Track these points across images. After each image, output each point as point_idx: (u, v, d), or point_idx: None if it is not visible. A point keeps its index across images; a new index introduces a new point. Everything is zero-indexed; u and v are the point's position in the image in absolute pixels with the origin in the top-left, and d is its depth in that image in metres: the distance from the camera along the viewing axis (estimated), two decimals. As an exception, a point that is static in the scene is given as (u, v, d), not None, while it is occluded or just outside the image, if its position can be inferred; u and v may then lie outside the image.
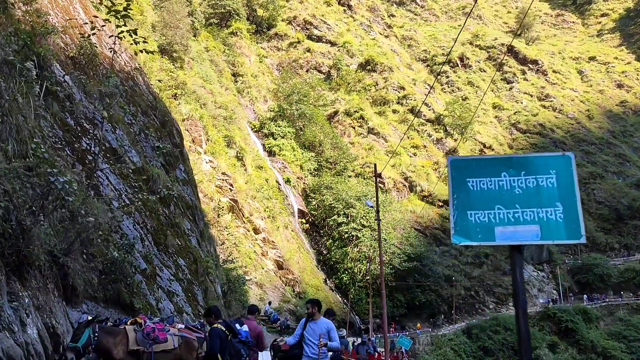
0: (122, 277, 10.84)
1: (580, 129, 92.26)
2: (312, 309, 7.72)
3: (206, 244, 16.59)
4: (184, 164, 16.64)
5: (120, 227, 11.81)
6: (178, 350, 7.83)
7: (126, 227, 11.94)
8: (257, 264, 42.97)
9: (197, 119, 47.08)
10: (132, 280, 11.16)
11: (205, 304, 14.31)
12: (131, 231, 11.76)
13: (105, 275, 10.69)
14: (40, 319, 6.32)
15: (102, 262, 10.33)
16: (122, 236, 11.48)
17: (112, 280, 10.73)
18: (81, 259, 9.13)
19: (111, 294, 10.54)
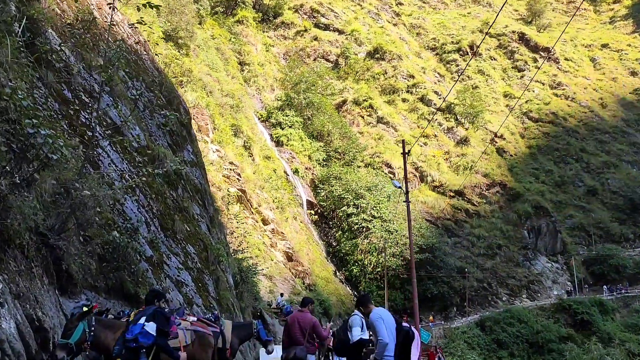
0: (125, 265, 9.67)
1: (593, 118, 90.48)
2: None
3: (217, 231, 15.42)
4: (192, 145, 15.44)
5: (123, 209, 10.63)
6: (191, 348, 6.68)
7: (129, 210, 10.76)
8: (267, 256, 41.84)
9: (204, 107, 45.88)
10: (137, 269, 9.99)
11: (217, 295, 13.16)
12: (135, 214, 10.59)
13: (106, 262, 9.52)
14: (20, 310, 5.13)
15: (102, 247, 9.16)
16: (125, 219, 10.30)
17: (115, 268, 9.56)
18: (77, 241, 7.96)
19: (113, 283, 9.37)
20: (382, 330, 6.70)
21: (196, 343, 6.83)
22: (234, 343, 8.01)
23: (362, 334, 7.58)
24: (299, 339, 8.41)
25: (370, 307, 7.55)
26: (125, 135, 11.99)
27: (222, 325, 7.90)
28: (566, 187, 79.46)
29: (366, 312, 7.70)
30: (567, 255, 68.80)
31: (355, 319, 7.74)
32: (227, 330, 7.92)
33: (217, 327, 7.57)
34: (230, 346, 7.85)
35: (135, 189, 11.45)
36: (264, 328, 8.65)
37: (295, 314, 8.88)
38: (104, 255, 9.54)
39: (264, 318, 8.89)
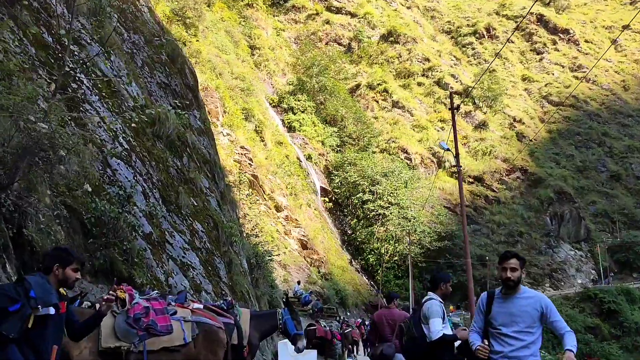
0: (115, 241, 7.81)
1: (615, 101, 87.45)
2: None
3: (228, 208, 13.54)
4: (199, 111, 13.55)
5: (115, 176, 8.75)
6: (192, 348, 4.80)
7: (123, 177, 8.86)
8: (281, 244, 40.01)
9: (213, 89, 43.98)
10: (132, 246, 8.11)
11: (230, 280, 11.28)
12: (129, 182, 8.69)
13: (92, 238, 7.67)
14: None
15: (85, 216, 7.30)
16: (118, 186, 8.42)
17: (103, 245, 7.71)
18: (48, 206, 6.09)
19: (101, 263, 7.50)
20: None
21: (200, 340, 4.95)
22: (254, 338, 6.16)
23: (444, 328, 5.44)
24: (388, 336, 8.12)
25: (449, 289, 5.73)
26: (119, 92, 10.08)
27: (237, 315, 6.06)
28: (588, 172, 76.73)
29: (446, 292, 5.78)
30: (591, 242, 66.32)
31: (433, 306, 5.57)
32: (244, 322, 6.07)
33: (231, 318, 5.70)
34: (249, 343, 6.01)
35: (130, 153, 9.57)
36: (292, 319, 6.78)
37: (381, 311, 8.68)
38: (90, 230, 7.69)
39: (291, 306, 6.99)
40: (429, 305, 5.57)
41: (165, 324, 4.65)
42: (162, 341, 4.63)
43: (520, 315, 4.51)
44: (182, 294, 5.40)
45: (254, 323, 6.26)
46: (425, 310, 5.55)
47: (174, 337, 4.68)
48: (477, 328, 4.76)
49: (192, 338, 4.87)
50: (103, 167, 8.70)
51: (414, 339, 5.51)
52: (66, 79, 7.69)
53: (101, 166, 8.65)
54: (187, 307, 5.15)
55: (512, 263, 4.65)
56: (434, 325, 5.35)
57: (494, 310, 4.63)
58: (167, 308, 4.83)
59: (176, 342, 4.71)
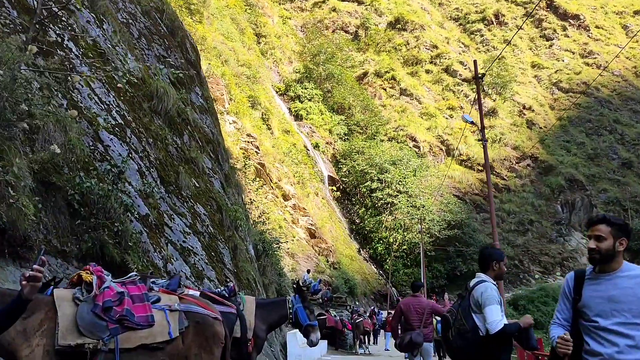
0: (106, 222, 7.05)
1: (627, 87, 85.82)
2: None
3: (233, 191, 12.76)
4: (201, 88, 12.75)
5: (107, 152, 7.99)
6: (179, 344, 3.93)
7: (116, 154, 8.10)
8: (288, 232, 39.31)
9: (219, 77, 43.17)
10: (125, 229, 7.35)
11: (235, 267, 10.54)
12: (122, 158, 7.92)
13: (80, 218, 6.92)
14: None
15: (69, 193, 6.55)
16: (108, 162, 7.66)
17: (92, 227, 6.96)
18: (18, 177, 5.32)
19: (89, 247, 6.75)
20: None
21: (191, 334, 4.04)
22: (260, 330, 5.40)
23: (503, 318, 4.30)
24: (416, 325, 8.20)
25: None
26: (113, 63, 9.29)
27: (240, 303, 5.29)
28: (599, 160, 75.38)
29: (500, 273, 4.72)
30: (603, 230, 65.14)
31: (487, 290, 4.41)
32: (249, 312, 5.31)
33: (233, 307, 4.92)
34: (254, 336, 5.25)
35: (125, 128, 8.79)
36: (304, 307, 6.01)
37: (408, 299, 8.68)
38: (78, 209, 6.94)
39: (302, 293, 6.19)
40: (482, 290, 4.43)
41: (145, 315, 3.74)
42: (140, 336, 3.70)
43: (624, 302, 3.29)
44: (175, 279, 4.61)
45: (260, 313, 5.49)
46: (478, 295, 4.41)
47: (156, 331, 3.76)
48: (562, 320, 3.60)
49: (179, 332, 3.93)
50: (94, 142, 7.94)
51: (464, 334, 4.43)
52: (40, 29, 6.90)
53: (91, 141, 7.89)
54: (175, 293, 4.27)
55: (598, 229, 3.47)
56: (491, 315, 4.27)
57: (586, 295, 3.42)
58: (148, 294, 3.94)
59: (159, 338, 3.78)
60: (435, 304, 9.03)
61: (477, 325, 4.36)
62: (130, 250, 7.51)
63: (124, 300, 3.71)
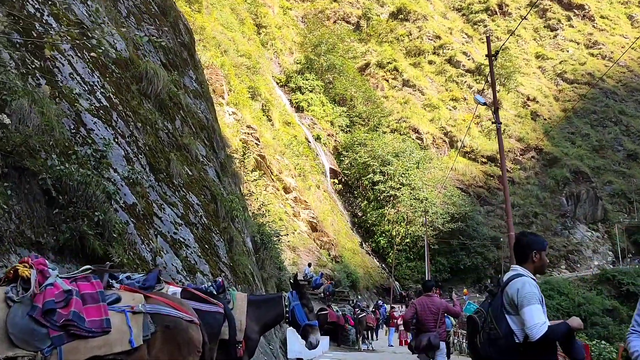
0: (87, 211, 6.40)
1: (633, 78, 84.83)
2: None
3: (229, 181, 12.10)
4: (195, 72, 12.06)
5: (89, 135, 7.32)
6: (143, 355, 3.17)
7: (99, 139, 7.42)
8: (289, 226, 38.68)
9: (218, 67, 42.44)
10: (108, 218, 6.69)
11: (231, 260, 9.89)
12: (105, 141, 7.26)
13: (57, 207, 6.27)
14: None
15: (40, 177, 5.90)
16: (89, 145, 7.00)
17: (71, 216, 6.30)
18: None
19: (67, 237, 6.10)
20: None
21: (159, 341, 3.29)
22: (252, 332, 4.76)
23: (546, 320, 3.53)
24: (431, 325, 7.99)
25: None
26: (98, 42, 8.58)
27: (230, 300, 4.65)
28: (604, 151, 74.61)
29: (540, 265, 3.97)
30: (608, 223, 64.55)
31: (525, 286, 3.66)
32: (240, 310, 4.67)
33: (219, 305, 4.27)
34: (246, 337, 4.62)
35: (110, 111, 8.12)
36: (302, 305, 5.38)
37: (422, 299, 8.40)
38: (55, 198, 6.30)
39: (300, 288, 5.53)
40: (518, 286, 3.67)
41: (99, 319, 3.00)
42: (92, 346, 2.97)
43: None
44: (153, 273, 3.96)
45: (253, 311, 4.85)
46: (513, 293, 3.66)
47: (113, 339, 3.02)
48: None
49: (144, 339, 3.17)
50: (75, 125, 7.27)
51: (495, 340, 3.63)
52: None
53: (73, 124, 7.22)
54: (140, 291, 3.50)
55: None
56: (531, 317, 3.49)
57: None
58: (104, 293, 3.18)
59: (117, 348, 3.04)
60: (449, 305, 8.83)
61: (511, 330, 3.61)
62: (115, 242, 6.87)
63: (72, 301, 2.97)
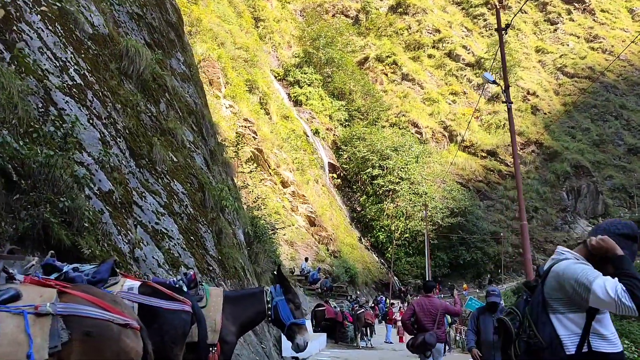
0: (51, 197, 5.75)
1: (633, 72, 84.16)
2: None
3: (220, 170, 11.43)
4: (183, 54, 11.37)
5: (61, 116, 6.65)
6: None
7: (72, 119, 6.74)
8: (287, 220, 38.03)
9: (215, 60, 41.69)
10: (77, 205, 6.04)
11: (219, 253, 9.24)
12: (71, 118, 6.58)
13: (19, 193, 5.62)
14: None
15: (5, 160, 5.26)
16: (54, 125, 6.34)
17: (32, 203, 5.66)
18: None
19: (27, 226, 5.45)
20: None
21: (77, 353, 2.54)
22: (228, 333, 4.11)
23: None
24: (430, 326, 8.09)
25: None
26: (72, 15, 7.92)
27: (202, 297, 4.00)
28: (605, 146, 73.99)
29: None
30: (609, 218, 63.89)
31: (570, 265, 2.71)
32: (214, 308, 4.02)
33: (187, 302, 3.59)
34: (221, 339, 3.97)
35: (85, 90, 7.45)
36: (287, 301, 4.67)
37: (421, 299, 8.49)
38: (16, 182, 5.65)
39: (285, 281, 4.83)
40: (561, 267, 2.73)
41: None
42: None
43: None
44: (106, 264, 3.32)
45: (230, 309, 4.19)
46: (560, 279, 2.72)
47: (3, 350, 2.30)
48: None
49: (53, 351, 2.44)
50: (44, 103, 6.60)
51: (537, 352, 2.73)
52: None
53: (41, 102, 6.55)
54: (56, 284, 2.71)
55: None
56: (599, 286, 2.50)
57: None
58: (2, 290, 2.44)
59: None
60: (448, 305, 9.06)
61: (558, 337, 2.70)
62: (86, 232, 6.21)
63: None
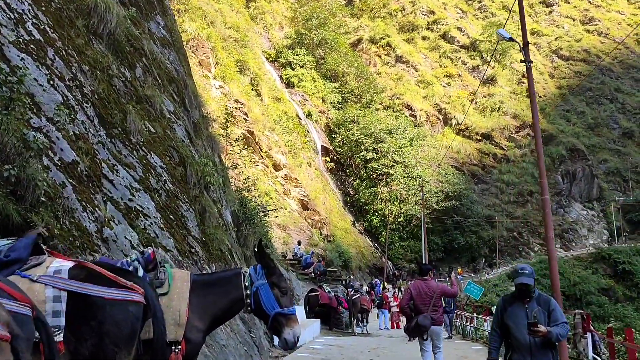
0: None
1: (629, 55, 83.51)
2: None
3: (204, 144, 10.52)
4: (164, 18, 10.40)
5: (14, 74, 5.72)
6: None
7: (29, 79, 5.81)
8: (279, 204, 37.18)
9: (204, 39, 40.50)
10: (29, 176, 5.16)
11: (203, 234, 8.37)
12: (21, 71, 5.64)
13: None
14: None
15: None
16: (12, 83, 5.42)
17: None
18: None
19: (-35, 199, 4.58)
20: None
21: None
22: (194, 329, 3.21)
23: None
24: (425, 309, 8.04)
25: None
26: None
27: (163, 281, 3.16)
28: (600, 129, 73.49)
29: None
30: (604, 201, 63.65)
31: None
32: (179, 296, 3.15)
33: (137, 289, 2.71)
34: (186, 338, 3.10)
35: (45, 47, 6.51)
36: (271, 286, 3.69)
37: (418, 283, 8.44)
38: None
39: (267, 260, 3.80)
40: None
41: None
42: None
43: None
44: (26, 239, 2.47)
45: (199, 298, 3.32)
46: None
47: None
48: None
49: None
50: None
51: None
52: None
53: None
54: None
55: None
56: None
57: None
58: None
59: None
60: (445, 287, 8.93)
61: None
62: (42, 208, 5.34)
63: None
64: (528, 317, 4.72)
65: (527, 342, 4.74)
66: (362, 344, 14.95)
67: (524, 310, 4.86)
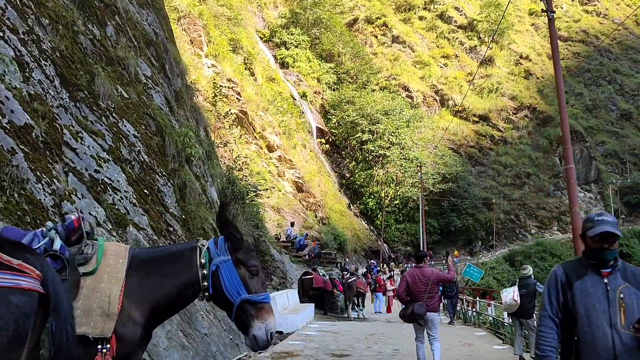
0: None
1: (628, 36, 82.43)
2: None
3: (186, 115, 9.65)
4: (142, -25, 9.42)
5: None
6: None
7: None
8: (274, 185, 36.41)
9: (196, 17, 39.38)
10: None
11: (182, 211, 7.56)
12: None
13: None
14: None
15: None
16: None
17: None
18: None
19: None
20: None
21: None
22: (130, 322, 2.35)
23: None
24: (421, 296, 7.99)
25: None
26: None
27: (89, 255, 2.38)
28: (598, 111, 72.71)
29: None
30: (601, 184, 63.14)
31: None
32: (109, 276, 2.33)
33: (29, 273, 1.90)
34: (118, 332, 2.30)
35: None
36: (236, 264, 2.72)
37: (413, 270, 8.41)
38: None
39: (231, 229, 2.80)
40: None
41: None
42: None
43: None
44: None
45: (139, 280, 2.46)
46: None
47: None
48: None
49: None
50: None
51: None
52: None
53: None
54: None
55: None
56: None
57: None
58: None
59: None
60: (440, 273, 8.81)
61: None
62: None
63: None
64: (609, 298, 2.90)
65: (610, 342, 2.85)
66: (359, 330, 14.28)
67: (603, 287, 2.95)
